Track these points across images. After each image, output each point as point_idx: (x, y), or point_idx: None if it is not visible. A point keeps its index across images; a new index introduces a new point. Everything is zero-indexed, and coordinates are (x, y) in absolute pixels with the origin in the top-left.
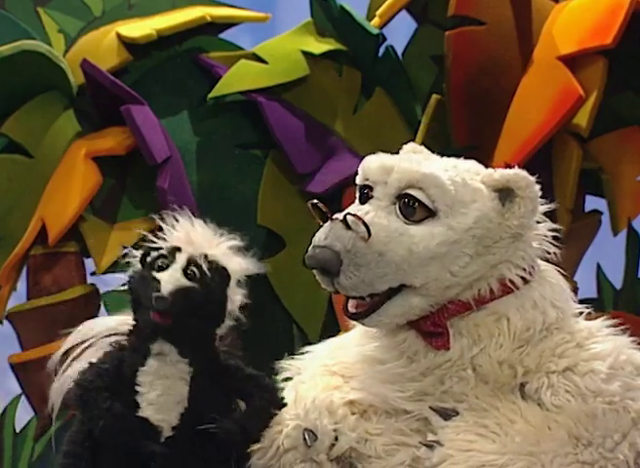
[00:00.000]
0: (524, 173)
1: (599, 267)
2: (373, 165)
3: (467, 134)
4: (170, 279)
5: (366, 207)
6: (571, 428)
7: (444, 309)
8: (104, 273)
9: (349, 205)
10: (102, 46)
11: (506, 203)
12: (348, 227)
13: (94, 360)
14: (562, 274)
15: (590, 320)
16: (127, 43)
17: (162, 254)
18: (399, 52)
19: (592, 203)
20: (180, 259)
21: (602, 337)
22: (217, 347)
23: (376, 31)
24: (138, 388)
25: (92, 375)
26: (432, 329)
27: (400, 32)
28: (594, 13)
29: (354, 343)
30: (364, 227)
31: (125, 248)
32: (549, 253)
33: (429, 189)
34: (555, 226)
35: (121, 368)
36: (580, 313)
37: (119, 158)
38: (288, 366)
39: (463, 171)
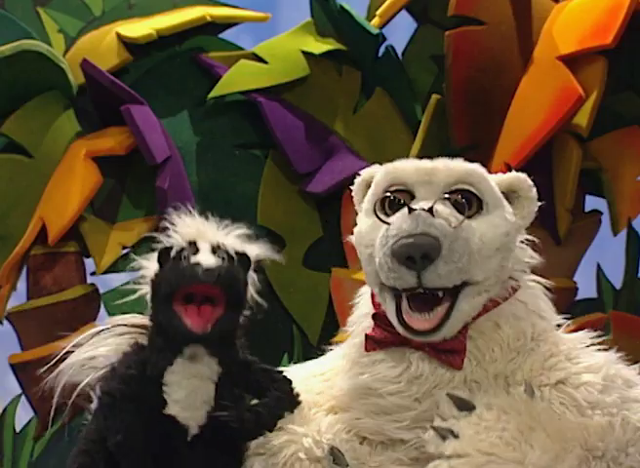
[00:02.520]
0: (524, 175)
1: (599, 267)
2: (407, 169)
3: (467, 134)
4: (207, 261)
5: (422, 204)
6: (584, 441)
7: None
8: (104, 273)
9: (349, 205)
10: (102, 46)
11: (513, 203)
12: (433, 216)
13: (115, 363)
14: (544, 285)
15: (570, 331)
16: (127, 43)
17: (182, 248)
18: (399, 52)
19: (592, 203)
20: (204, 248)
21: (588, 351)
22: (237, 342)
23: (376, 31)
24: (165, 388)
25: (118, 383)
26: (452, 346)
27: (400, 32)
28: (594, 13)
29: (342, 372)
30: (455, 215)
31: (125, 248)
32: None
33: (479, 183)
34: (530, 237)
35: (145, 370)
36: (559, 326)
37: (119, 158)
38: None
39: None
